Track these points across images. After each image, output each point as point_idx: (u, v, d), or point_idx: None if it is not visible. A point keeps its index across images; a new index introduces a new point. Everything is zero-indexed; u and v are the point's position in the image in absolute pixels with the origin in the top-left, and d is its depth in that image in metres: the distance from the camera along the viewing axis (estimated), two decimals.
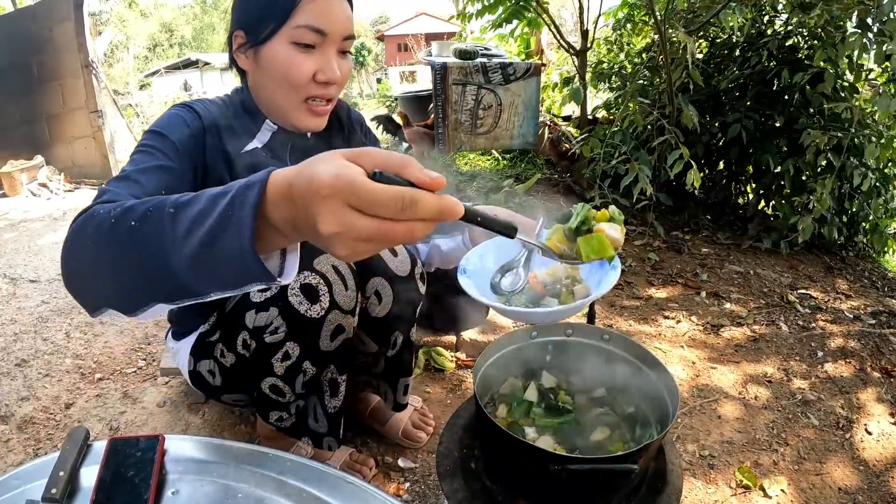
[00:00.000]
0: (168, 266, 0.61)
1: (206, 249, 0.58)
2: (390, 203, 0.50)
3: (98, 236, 0.67)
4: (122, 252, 0.65)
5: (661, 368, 1.03)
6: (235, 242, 0.55)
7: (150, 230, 0.62)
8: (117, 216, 0.66)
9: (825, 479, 1.58)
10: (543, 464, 0.82)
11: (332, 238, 0.52)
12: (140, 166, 0.95)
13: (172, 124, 1.06)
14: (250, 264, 0.56)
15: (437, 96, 4.30)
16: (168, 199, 0.63)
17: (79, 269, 0.72)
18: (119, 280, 0.67)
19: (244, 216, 0.55)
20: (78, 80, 5.46)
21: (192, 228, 0.59)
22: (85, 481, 0.68)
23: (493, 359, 1.10)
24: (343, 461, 1.45)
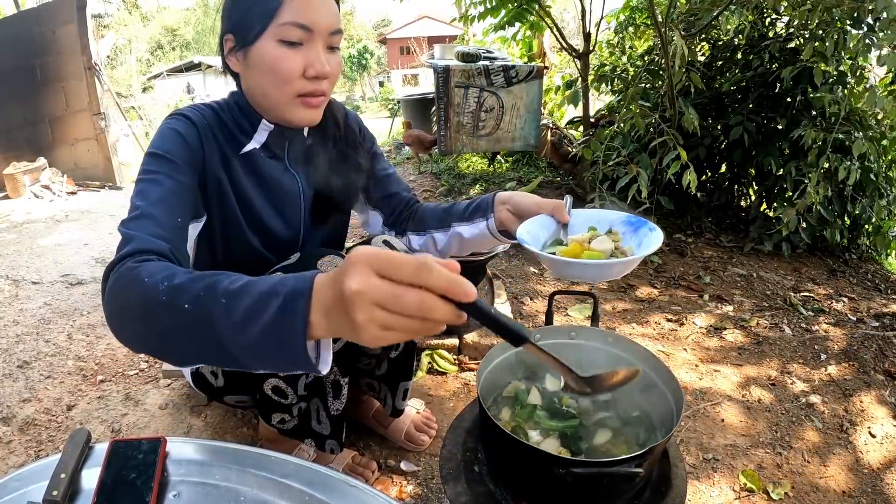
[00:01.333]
0: (222, 348, 0.70)
1: (260, 343, 0.67)
2: (406, 265, 0.58)
3: (148, 310, 0.74)
4: (175, 328, 0.73)
5: (665, 371, 1.03)
6: (287, 344, 0.65)
7: (204, 316, 0.70)
8: (168, 293, 0.73)
9: (829, 482, 1.58)
10: (548, 467, 0.81)
11: (354, 297, 0.58)
12: (150, 199, 0.96)
13: (169, 141, 1.06)
14: (301, 362, 0.67)
15: (440, 99, 4.31)
16: (218, 285, 0.71)
17: (126, 327, 0.80)
18: (168, 347, 0.76)
19: (296, 325, 0.64)
20: (81, 83, 5.47)
21: (246, 323, 0.67)
22: (86, 483, 0.68)
23: (496, 362, 1.10)
24: (346, 464, 1.45)
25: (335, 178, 1.32)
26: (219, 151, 1.13)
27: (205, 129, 1.11)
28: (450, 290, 0.57)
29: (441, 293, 0.57)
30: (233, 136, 1.16)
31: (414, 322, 0.59)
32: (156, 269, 0.78)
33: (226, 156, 1.14)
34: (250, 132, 1.18)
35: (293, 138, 1.24)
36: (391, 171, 1.46)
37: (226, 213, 1.15)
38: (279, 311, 0.65)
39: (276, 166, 1.23)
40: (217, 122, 1.15)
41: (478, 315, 0.60)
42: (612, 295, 2.72)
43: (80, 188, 5.54)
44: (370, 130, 1.49)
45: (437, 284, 0.57)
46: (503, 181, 4.36)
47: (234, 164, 1.15)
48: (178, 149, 1.05)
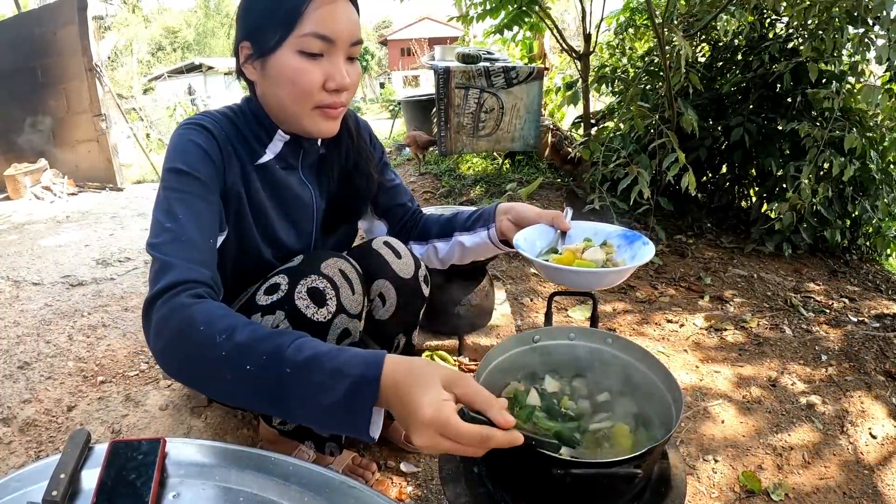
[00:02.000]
0: (280, 408, 0.76)
1: (321, 417, 0.74)
2: (471, 440, 0.67)
3: (206, 361, 0.78)
4: (234, 385, 0.77)
5: (665, 372, 1.03)
6: (352, 424, 0.73)
7: (267, 382, 0.75)
8: (228, 349, 0.77)
9: (829, 483, 1.58)
10: (547, 468, 0.81)
11: (419, 447, 0.69)
12: (181, 220, 0.94)
13: (192, 156, 1.02)
14: (361, 434, 0.73)
15: (440, 100, 4.31)
16: (282, 350, 0.75)
17: (180, 373, 0.84)
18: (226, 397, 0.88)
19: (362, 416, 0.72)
20: (82, 84, 5.48)
21: (310, 398, 0.73)
22: (86, 484, 0.68)
23: (495, 363, 1.10)
24: (345, 465, 1.45)
25: (347, 189, 1.32)
26: (238, 165, 1.11)
27: (224, 143, 1.08)
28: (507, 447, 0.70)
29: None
30: (250, 146, 1.14)
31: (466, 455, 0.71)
32: (211, 315, 0.80)
33: (244, 169, 1.12)
34: (266, 142, 1.15)
35: (308, 148, 1.22)
36: (398, 182, 1.47)
37: (242, 226, 1.14)
38: (347, 394, 0.72)
39: (290, 177, 1.21)
40: (234, 132, 1.12)
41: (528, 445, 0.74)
42: (612, 296, 2.72)
43: (81, 189, 5.55)
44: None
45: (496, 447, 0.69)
46: (504, 182, 4.36)
47: (252, 177, 1.13)
48: (202, 165, 1.02)
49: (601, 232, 1.25)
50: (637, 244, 1.18)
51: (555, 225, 1.23)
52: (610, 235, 1.24)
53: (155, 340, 0.82)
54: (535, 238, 1.22)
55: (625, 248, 1.20)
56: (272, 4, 1.01)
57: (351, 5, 1.06)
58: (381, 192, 1.43)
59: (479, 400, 0.71)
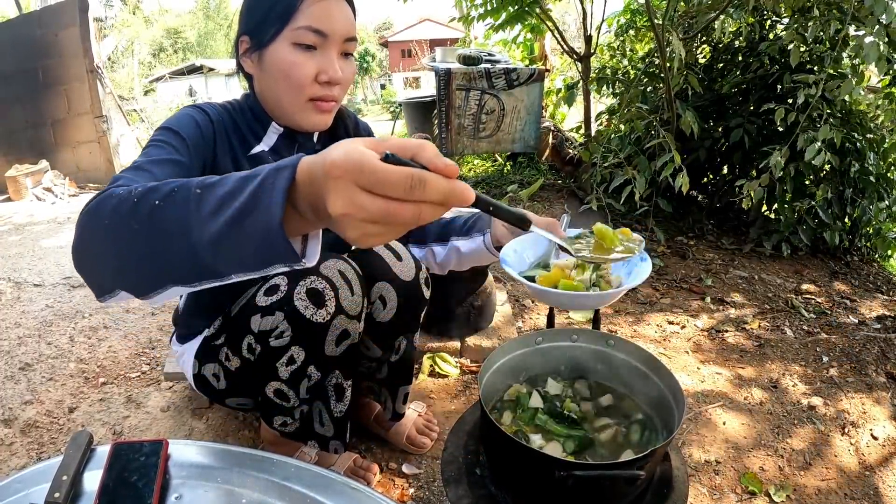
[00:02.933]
0: (191, 245, 0.61)
1: (233, 229, 0.58)
2: (398, 182, 0.50)
3: (117, 215, 0.67)
4: (142, 230, 0.65)
5: (667, 374, 1.03)
6: (264, 222, 0.56)
7: (175, 209, 0.62)
8: (139, 195, 0.66)
9: (830, 485, 1.57)
10: (549, 470, 0.81)
11: (341, 219, 0.52)
12: (152, 158, 0.96)
13: (184, 123, 1.07)
14: (277, 243, 0.56)
15: (441, 101, 4.32)
16: (193, 181, 0.63)
17: (93, 249, 0.71)
18: (137, 260, 0.67)
19: (274, 197, 0.56)
20: (83, 85, 5.49)
21: (219, 208, 0.59)
22: (88, 486, 0.68)
23: (497, 365, 1.10)
24: (347, 467, 1.45)
25: None
26: (230, 152, 1.15)
27: (220, 127, 1.13)
28: (449, 201, 0.52)
29: (438, 203, 0.52)
30: (244, 138, 1.18)
31: (407, 227, 0.54)
32: (131, 186, 0.71)
33: (236, 158, 1.16)
34: (260, 134, 1.19)
35: (303, 143, 1.24)
36: None
37: None
38: (257, 188, 0.58)
39: None
40: (231, 124, 1.16)
41: (481, 208, 0.58)
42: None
43: (82, 190, 5.55)
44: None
45: (434, 197, 0.51)
46: (505, 184, 4.36)
47: (244, 166, 1.16)
48: (191, 131, 1.07)
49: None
50: (635, 259, 1.13)
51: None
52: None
53: (75, 235, 0.72)
54: (526, 249, 1.19)
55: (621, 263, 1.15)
56: (270, 1, 1.07)
57: (345, 2, 1.11)
58: None
59: (408, 145, 0.54)
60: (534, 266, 1.19)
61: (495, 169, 5.01)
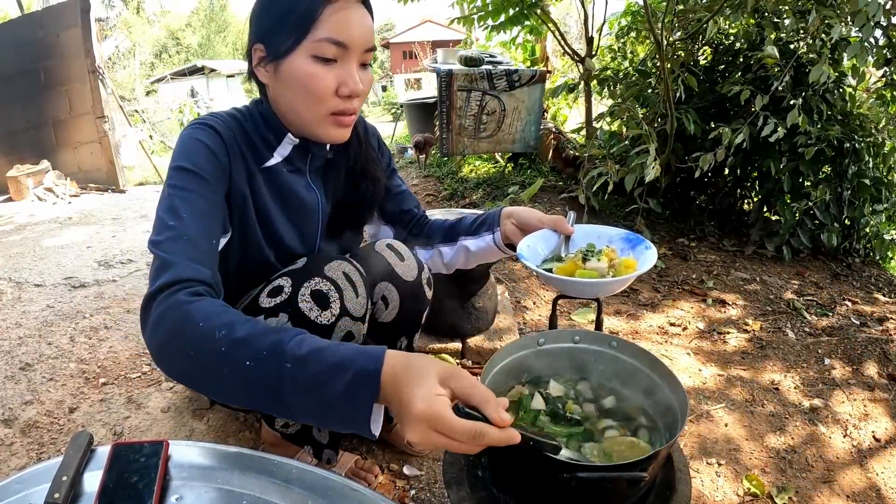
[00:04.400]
0: (280, 405, 0.75)
1: (324, 410, 0.73)
2: (464, 434, 0.66)
3: (204, 357, 0.77)
4: (233, 381, 0.76)
5: (670, 375, 1.02)
6: (352, 418, 0.72)
7: (267, 377, 0.73)
8: (227, 345, 0.75)
9: (833, 487, 1.57)
10: (552, 472, 0.81)
11: (412, 441, 0.69)
12: (184, 218, 0.93)
13: (198, 155, 1.02)
14: (361, 429, 0.72)
15: (442, 102, 4.33)
16: (283, 346, 0.74)
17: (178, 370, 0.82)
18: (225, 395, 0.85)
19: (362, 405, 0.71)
20: (84, 86, 5.49)
21: (310, 391, 0.72)
22: (88, 486, 0.68)
23: (499, 366, 1.09)
24: (348, 468, 1.44)
25: (354, 194, 1.32)
26: (244, 167, 1.10)
27: (231, 143, 1.08)
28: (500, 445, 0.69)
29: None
30: (256, 149, 1.13)
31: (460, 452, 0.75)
32: (209, 312, 0.79)
33: (250, 171, 1.12)
34: (274, 144, 1.15)
35: (316, 152, 1.22)
36: (404, 188, 1.48)
37: (246, 229, 1.14)
38: (348, 386, 0.70)
39: (297, 181, 1.21)
40: (242, 134, 1.11)
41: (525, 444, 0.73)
42: (615, 299, 2.71)
43: (84, 191, 5.56)
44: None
45: (490, 444, 0.68)
46: (505, 185, 4.36)
47: (258, 180, 1.13)
48: (207, 164, 1.02)
49: (604, 235, 1.27)
50: (640, 248, 1.21)
51: (557, 230, 1.24)
52: (613, 239, 1.26)
53: (151, 338, 0.81)
54: (538, 244, 1.24)
55: (627, 251, 1.23)
56: (287, 7, 1.00)
57: (366, 11, 1.05)
58: (388, 197, 1.43)
59: (475, 395, 0.70)
60: (548, 259, 1.23)
61: (496, 170, 5.01)
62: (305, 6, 0.99)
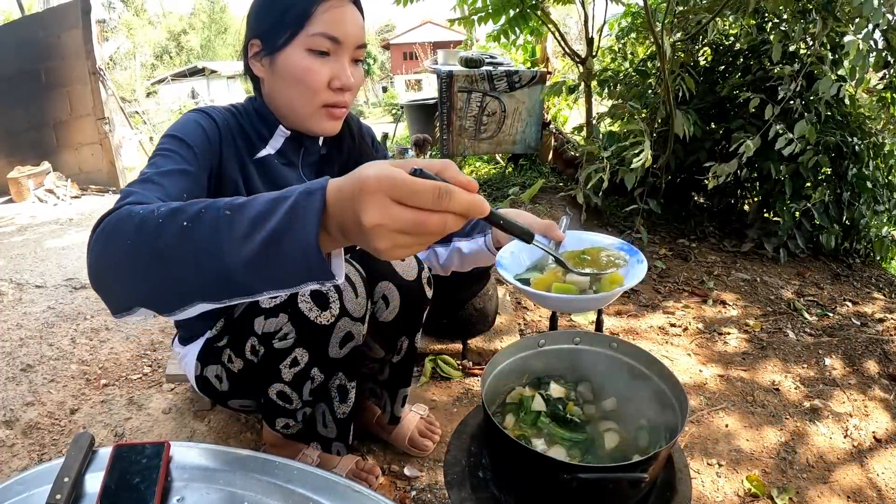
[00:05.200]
0: (223, 265, 0.63)
1: (269, 250, 0.61)
2: (427, 192, 0.55)
3: (141, 235, 0.68)
4: (170, 251, 0.66)
5: (670, 376, 1.02)
6: (300, 243, 0.59)
7: (205, 230, 0.64)
8: (164, 215, 0.67)
9: (833, 488, 1.57)
10: (553, 473, 0.81)
11: (374, 230, 0.56)
12: (161, 169, 0.95)
13: (191, 130, 1.06)
14: (314, 263, 0.60)
15: (443, 103, 4.34)
16: (220, 201, 0.65)
17: (114, 268, 0.72)
18: (164, 279, 0.68)
19: (309, 220, 0.59)
20: (85, 87, 5.49)
21: (252, 230, 0.62)
22: (89, 487, 0.68)
23: (500, 367, 1.10)
24: (349, 469, 1.44)
25: None
26: (237, 156, 1.14)
27: (225, 130, 1.12)
28: (470, 212, 0.58)
29: (461, 214, 0.58)
30: (250, 141, 1.17)
31: (433, 237, 0.58)
32: (151, 205, 0.72)
33: (242, 160, 1.15)
34: (267, 137, 1.19)
35: (309, 147, 1.25)
36: None
37: None
38: (290, 210, 0.60)
39: (289, 173, 1.23)
40: (237, 127, 1.16)
41: (491, 223, 0.66)
42: (615, 300, 2.71)
43: (84, 192, 5.56)
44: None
45: (459, 208, 0.57)
46: (506, 186, 4.36)
47: (250, 170, 1.16)
48: (197, 139, 1.06)
49: (597, 244, 1.21)
50: (631, 260, 1.14)
51: (547, 235, 1.21)
52: (606, 248, 1.20)
53: (91, 253, 0.73)
54: (522, 251, 1.18)
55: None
56: (284, 5, 1.06)
57: (357, 10, 1.11)
58: None
59: (434, 164, 0.60)
60: (530, 268, 1.17)
61: (497, 171, 5.01)
62: (301, 4, 1.05)
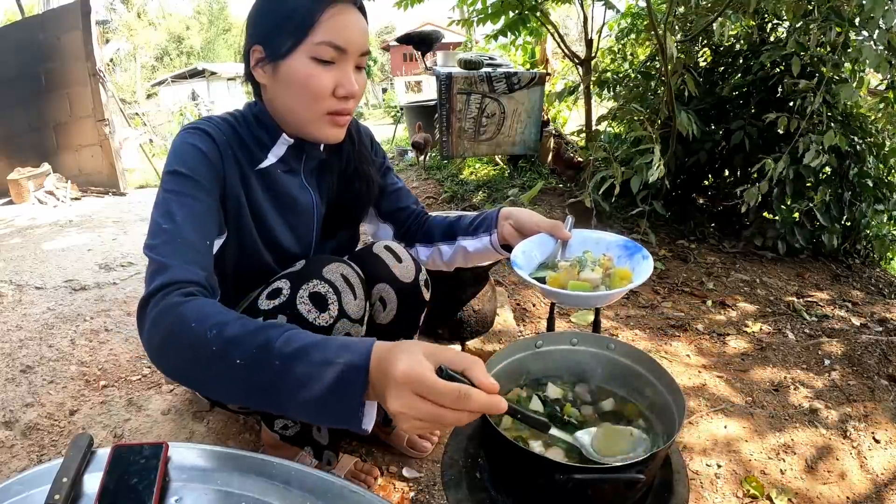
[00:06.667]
0: (272, 401, 0.75)
1: (315, 407, 0.72)
2: (448, 395, 0.64)
3: (197, 357, 0.78)
4: (224, 380, 0.77)
5: (667, 377, 1.02)
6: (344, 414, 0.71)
7: (257, 375, 0.74)
8: (218, 345, 0.76)
9: (832, 489, 1.57)
10: (550, 474, 0.81)
11: (396, 415, 0.66)
12: (178, 221, 0.95)
13: (192, 160, 1.03)
14: (353, 426, 0.71)
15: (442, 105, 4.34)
16: (272, 344, 0.74)
17: (171, 367, 0.84)
18: (215, 392, 0.84)
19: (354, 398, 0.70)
20: (85, 89, 5.50)
21: (302, 386, 0.71)
22: (88, 488, 0.68)
23: (497, 368, 1.10)
24: (348, 470, 1.44)
25: (348, 193, 1.33)
26: (238, 170, 1.12)
27: (224, 147, 1.09)
28: (487, 411, 0.66)
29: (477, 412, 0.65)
30: (250, 151, 1.15)
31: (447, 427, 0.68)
32: (202, 313, 0.80)
33: (244, 173, 1.13)
34: (269, 145, 1.16)
35: (310, 153, 1.23)
36: (401, 185, 1.49)
37: (242, 231, 1.15)
38: (336, 381, 0.70)
39: (292, 181, 1.22)
40: (235, 138, 1.13)
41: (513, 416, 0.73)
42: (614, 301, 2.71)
43: (84, 194, 5.57)
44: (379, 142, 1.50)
45: (475, 409, 0.64)
46: (505, 187, 4.37)
47: (252, 182, 1.14)
48: (200, 167, 1.03)
49: (602, 242, 1.25)
50: (637, 257, 1.19)
51: (554, 234, 1.23)
52: (610, 246, 1.25)
53: (149, 341, 0.83)
54: (533, 249, 1.22)
55: (624, 259, 1.21)
56: (287, 11, 1.04)
57: (361, 16, 1.09)
58: (384, 195, 1.44)
59: (462, 360, 0.68)
60: (541, 266, 1.21)
61: (497, 173, 5.01)
62: (305, 10, 1.02)
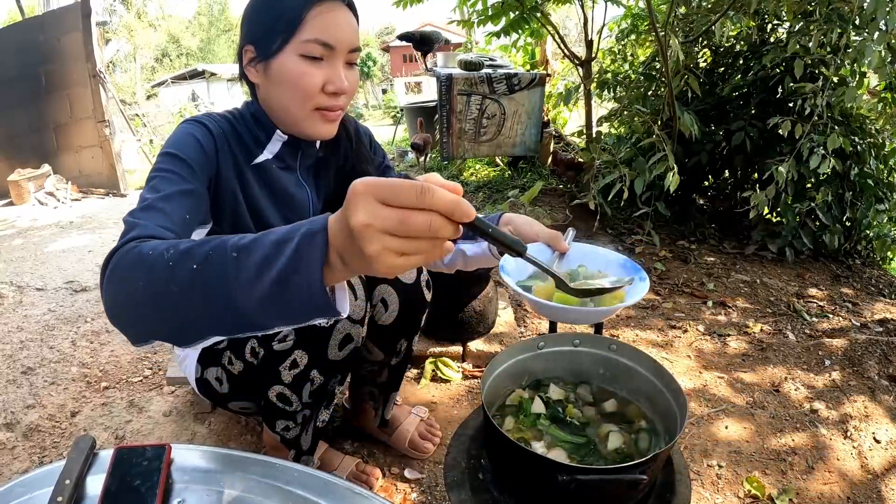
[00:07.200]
0: (235, 306, 0.67)
1: (276, 291, 0.64)
2: (409, 190, 0.57)
3: (153, 278, 0.71)
4: (183, 295, 0.69)
5: (669, 378, 1.02)
6: (306, 285, 0.62)
7: (214, 273, 0.67)
8: (174, 259, 0.70)
9: (833, 488, 1.57)
10: (552, 474, 0.81)
11: (362, 232, 0.57)
12: (161, 193, 0.95)
13: (186, 144, 1.06)
14: (320, 303, 0.63)
15: (443, 106, 4.34)
16: (227, 242, 0.68)
17: (128, 310, 0.75)
18: (178, 320, 0.72)
19: (313, 263, 0.62)
20: (86, 90, 5.50)
21: (260, 272, 0.65)
22: (91, 490, 0.68)
23: (500, 369, 1.10)
24: (349, 471, 1.44)
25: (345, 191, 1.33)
26: (234, 163, 1.14)
27: (221, 140, 1.11)
28: (454, 212, 0.58)
29: (444, 214, 0.58)
30: (247, 147, 1.17)
31: (423, 243, 0.59)
32: (159, 243, 0.74)
33: (240, 168, 1.15)
34: (264, 142, 1.18)
35: (306, 150, 1.25)
36: None
37: (239, 226, 1.15)
38: (294, 253, 0.63)
39: (288, 178, 1.23)
40: (233, 133, 1.15)
41: (478, 230, 0.62)
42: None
43: (85, 195, 5.57)
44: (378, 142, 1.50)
45: (441, 206, 0.57)
46: (505, 188, 4.37)
47: (248, 176, 1.16)
48: (194, 153, 1.05)
49: (600, 259, 1.23)
50: (634, 278, 1.16)
51: (552, 246, 1.23)
52: (609, 264, 1.23)
53: (105, 292, 0.76)
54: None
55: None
56: (275, 11, 1.05)
57: (350, 13, 1.10)
58: None
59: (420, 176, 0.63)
60: (533, 275, 1.19)
61: (497, 173, 5.02)
62: (293, 9, 1.04)
